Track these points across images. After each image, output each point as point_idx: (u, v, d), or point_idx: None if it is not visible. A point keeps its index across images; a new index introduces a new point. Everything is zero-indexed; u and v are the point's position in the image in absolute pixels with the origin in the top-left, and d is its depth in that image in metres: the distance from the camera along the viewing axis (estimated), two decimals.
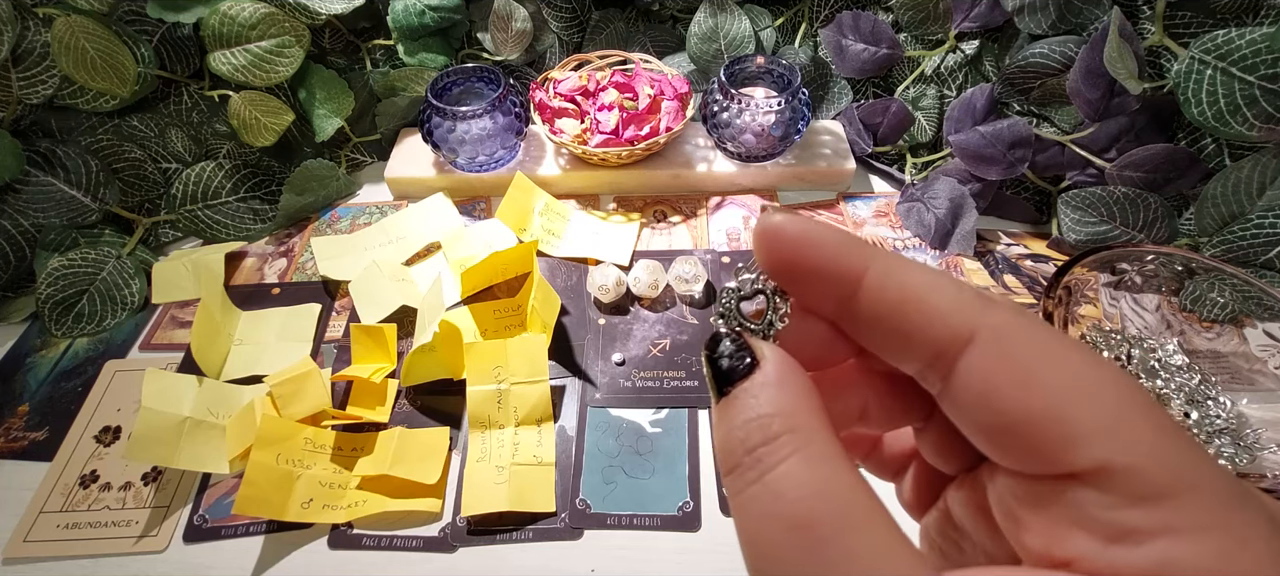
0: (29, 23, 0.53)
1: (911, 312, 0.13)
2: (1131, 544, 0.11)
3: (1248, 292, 0.44)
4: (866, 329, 0.14)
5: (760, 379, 0.13)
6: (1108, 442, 0.11)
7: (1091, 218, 0.54)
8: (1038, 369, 0.11)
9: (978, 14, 0.59)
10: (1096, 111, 0.53)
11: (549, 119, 0.62)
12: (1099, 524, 0.11)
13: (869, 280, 0.13)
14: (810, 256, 0.13)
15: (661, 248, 0.59)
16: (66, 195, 0.56)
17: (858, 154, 0.65)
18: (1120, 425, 0.11)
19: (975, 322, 0.12)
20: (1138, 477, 0.11)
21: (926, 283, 0.13)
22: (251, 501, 0.40)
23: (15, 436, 0.47)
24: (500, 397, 0.45)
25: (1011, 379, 0.12)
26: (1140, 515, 0.11)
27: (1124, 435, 0.11)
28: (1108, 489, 0.11)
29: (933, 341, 0.12)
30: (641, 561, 0.40)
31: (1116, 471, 0.11)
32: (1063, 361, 0.11)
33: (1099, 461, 0.11)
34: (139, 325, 0.54)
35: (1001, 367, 0.12)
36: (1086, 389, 0.11)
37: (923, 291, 0.13)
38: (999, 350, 0.12)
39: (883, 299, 0.13)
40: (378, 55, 0.69)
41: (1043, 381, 0.11)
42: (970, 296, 0.12)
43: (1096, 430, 0.11)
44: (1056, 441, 0.11)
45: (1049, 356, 0.12)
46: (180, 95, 0.62)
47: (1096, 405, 0.11)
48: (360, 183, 0.67)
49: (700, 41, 0.66)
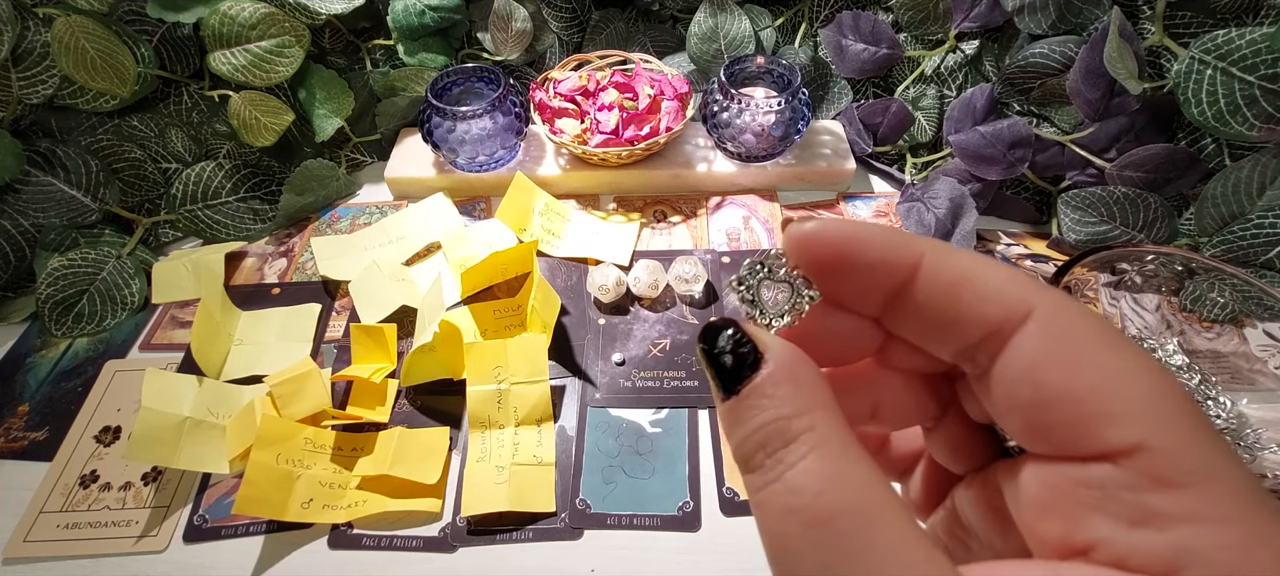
0: (29, 23, 0.53)
1: (967, 294, 0.13)
2: (1155, 528, 0.11)
3: (1248, 292, 0.44)
4: (917, 316, 0.14)
5: (772, 376, 0.13)
6: (1142, 423, 0.11)
7: (1091, 218, 0.54)
8: (1087, 349, 0.12)
9: (978, 14, 0.59)
10: (1096, 111, 0.53)
11: (549, 119, 0.62)
12: (1124, 506, 0.11)
13: (925, 266, 0.13)
14: (860, 256, 0.13)
15: (661, 247, 0.59)
16: (66, 195, 0.56)
17: (858, 154, 0.65)
18: (1155, 408, 0.11)
19: (1033, 301, 0.12)
20: (1168, 461, 0.11)
21: (981, 264, 0.13)
22: (251, 501, 0.40)
23: (15, 436, 0.47)
24: (500, 397, 0.45)
25: (1064, 355, 0.12)
26: (1166, 500, 0.11)
27: (1157, 418, 0.11)
28: (1134, 470, 0.11)
29: (987, 320, 0.13)
30: (641, 561, 0.40)
31: (1146, 452, 0.11)
32: (1109, 344, 0.12)
33: (1134, 441, 0.11)
34: (139, 325, 0.54)
35: (1056, 345, 0.12)
36: (1129, 372, 0.12)
37: (979, 273, 0.13)
38: (1055, 329, 0.12)
39: (939, 282, 0.13)
40: (378, 55, 0.69)
41: (1091, 360, 0.12)
42: (1024, 278, 0.13)
43: (1134, 410, 0.11)
44: (1098, 418, 0.11)
45: (1098, 338, 0.12)
46: (180, 95, 0.62)
47: (1137, 387, 0.11)
48: (360, 183, 0.67)
49: (700, 41, 0.66)
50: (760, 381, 0.13)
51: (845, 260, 0.14)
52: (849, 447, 0.12)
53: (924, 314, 0.14)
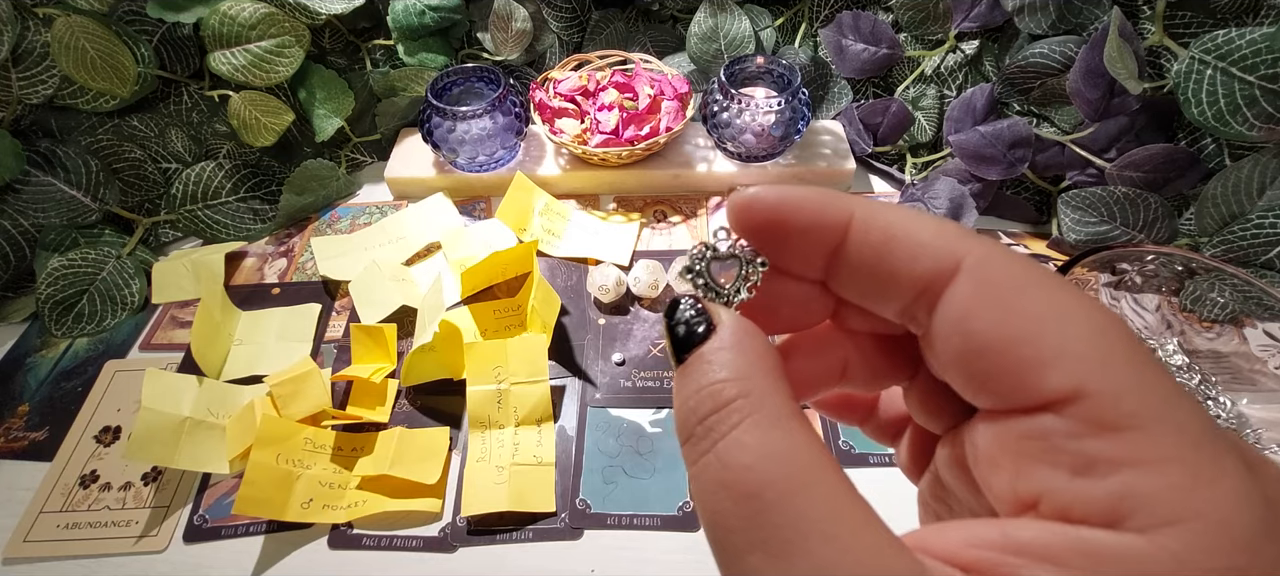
0: (29, 23, 0.53)
1: (898, 250, 0.13)
2: (1097, 476, 0.10)
3: (1248, 292, 0.44)
4: (853, 276, 0.14)
5: (715, 343, 0.13)
6: (1079, 366, 0.11)
7: (1091, 218, 0.54)
8: (1017, 294, 0.11)
9: (978, 14, 0.59)
10: (1096, 111, 0.53)
11: (549, 119, 0.62)
12: (1065, 455, 0.11)
13: (855, 226, 0.13)
14: (792, 218, 0.13)
15: (661, 248, 0.59)
16: (66, 195, 0.56)
17: (858, 154, 0.65)
18: (1093, 351, 0.11)
19: (959, 252, 0.12)
20: (1106, 404, 0.10)
21: (909, 219, 0.13)
22: (251, 501, 0.40)
23: (15, 436, 0.47)
24: (500, 398, 0.45)
25: (991, 303, 0.12)
26: (1105, 444, 0.10)
27: (1095, 360, 0.11)
28: (1075, 416, 0.11)
29: (919, 276, 0.12)
30: (641, 561, 0.40)
31: (1086, 397, 0.11)
32: (1041, 288, 0.11)
33: (1069, 386, 0.11)
34: (139, 325, 0.54)
35: (982, 293, 0.12)
36: (1063, 315, 0.11)
37: (907, 228, 0.13)
38: (980, 276, 0.12)
39: (868, 241, 0.13)
40: (378, 55, 0.69)
41: (1020, 306, 0.11)
42: (953, 229, 0.12)
43: (1069, 354, 0.11)
44: (1030, 365, 0.11)
45: (1028, 283, 0.12)
46: (180, 95, 0.62)
47: (1072, 330, 0.11)
48: (360, 183, 0.67)
49: (700, 41, 0.66)
50: (704, 349, 0.13)
51: (780, 224, 0.14)
52: (783, 417, 0.12)
53: (860, 274, 0.13)
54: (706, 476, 0.12)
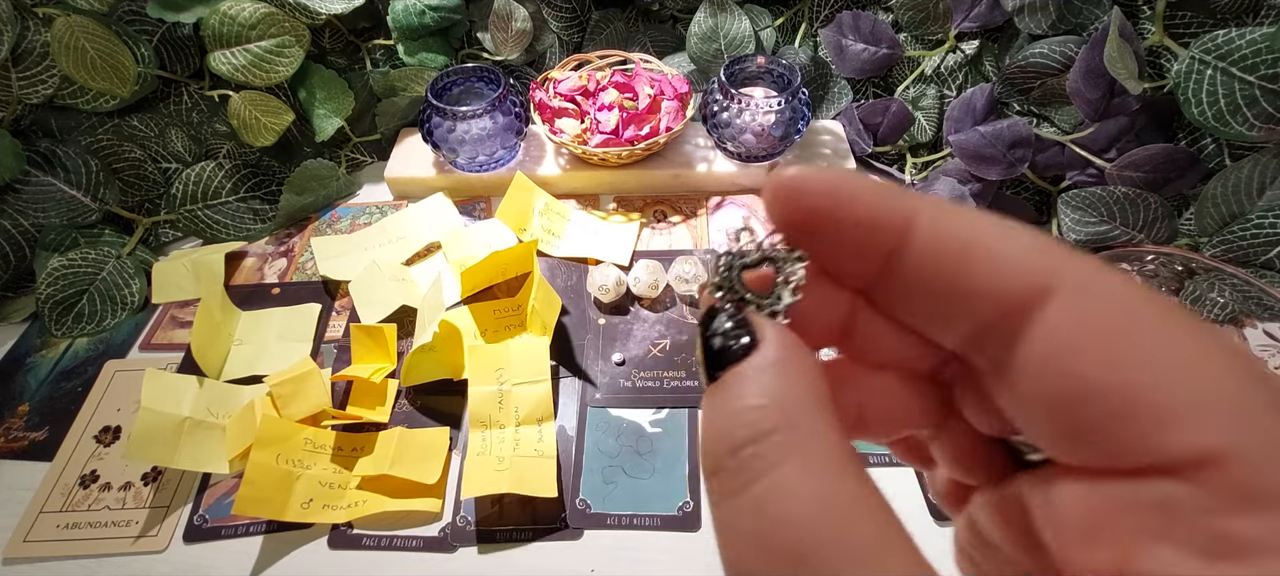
0: (29, 23, 0.53)
1: (976, 262, 0.10)
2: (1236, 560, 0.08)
3: (1248, 292, 0.44)
4: (912, 290, 0.11)
5: (757, 362, 0.11)
6: (1215, 425, 0.09)
7: (1091, 218, 0.54)
8: (1137, 329, 0.09)
9: (978, 14, 0.59)
10: (1096, 111, 0.53)
11: (549, 119, 0.62)
12: (1195, 532, 0.09)
13: (921, 227, 0.11)
14: (845, 210, 0.11)
15: (661, 248, 0.59)
16: (66, 195, 0.56)
17: (858, 154, 0.65)
18: (1232, 405, 0.09)
19: (1058, 271, 0.10)
20: (1250, 471, 0.08)
21: (993, 226, 0.10)
22: (251, 501, 0.40)
23: (15, 436, 0.47)
24: (501, 398, 0.45)
25: (1101, 337, 0.09)
26: (1250, 522, 0.08)
27: (1236, 417, 0.09)
28: (1211, 486, 0.09)
29: (1000, 295, 0.10)
30: (641, 561, 0.40)
31: (1223, 462, 0.09)
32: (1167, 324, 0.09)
33: (1203, 449, 0.09)
34: (139, 325, 0.54)
35: (1088, 326, 0.09)
36: (1193, 360, 0.09)
37: (990, 236, 0.10)
38: (1085, 306, 0.10)
39: (938, 248, 0.11)
40: (378, 55, 0.69)
41: (1142, 344, 0.09)
42: (1049, 242, 0.10)
43: (1202, 409, 0.09)
44: (1151, 420, 0.09)
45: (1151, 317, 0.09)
46: (180, 95, 0.62)
47: (1204, 379, 0.09)
48: (360, 183, 0.67)
49: (700, 41, 0.66)
50: (743, 366, 0.11)
51: (829, 216, 0.11)
52: (836, 460, 0.10)
53: (921, 288, 0.11)
54: (739, 524, 0.10)
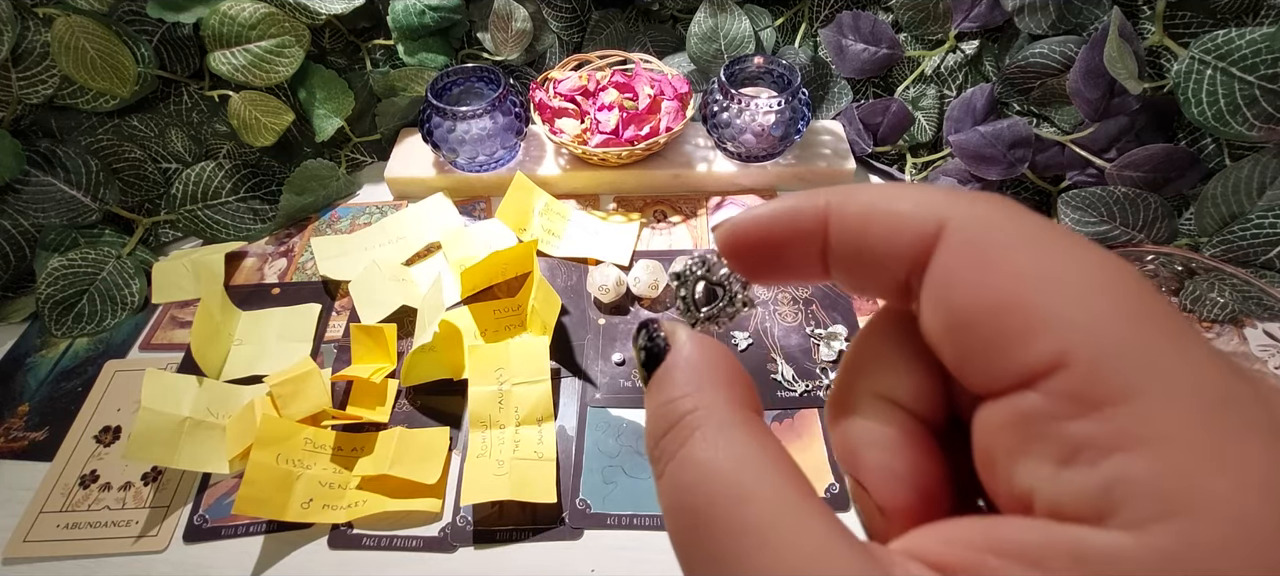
0: (29, 23, 0.53)
1: (877, 227, 0.11)
2: (1083, 464, 0.09)
3: (1248, 292, 0.44)
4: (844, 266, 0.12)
5: (670, 361, 0.13)
6: (1069, 328, 0.09)
7: (1091, 218, 0.54)
8: (1006, 253, 0.10)
9: (978, 14, 0.59)
10: (1096, 111, 0.53)
11: (549, 119, 0.62)
12: (1049, 440, 0.09)
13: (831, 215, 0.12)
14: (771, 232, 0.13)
15: (661, 248, 0.59)
16: (66, 195, 0.56)
17: (858, 154, 0.65)
18: (1085, 309, 0.09)
19: (944, 215, 0.10)
20: (1092, 373, 0.09)
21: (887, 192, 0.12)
22: (251, 501, 0.40)
23: (15, 436, 0.47)
24: (501, 398, 0.45)
25: (975, 265, 0.10)
26: (1091, 424, 0.09)
27: (1088, 320, 0.09)
28: (1056, 392, 0.09)
29: (904, 249, 0.11)
30: (641, 561, 0.40)
31: (1067, 367, 0.09)
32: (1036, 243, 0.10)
33: (1052, 354, 0.09)
34: (139, 325, 0.54)
35: (965, 256, 0.10)
36: (1059, 271, 0.09)
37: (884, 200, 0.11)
38: (964, 237, 0.10)
39: (846, 225, 0.12)
40: (378, 55, 0.69)
41: (1008, 266, 0.10)
42: (937, 193, 0.11)
43: (1059, 314, 0.09)
44: (1016, 334, 0.09)
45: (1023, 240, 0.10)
46: (180, 95, 0.62)
47: (1066, 288, 0.09)
48: (360, 183, 0.67)
49: (700, 41, 0.66)
50: (662, 366, 0.13)
51: (764, 245, 0.13)
52: (729, 426, 0.11)
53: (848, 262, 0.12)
54: (664, 499, 0.12)
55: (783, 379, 0.48)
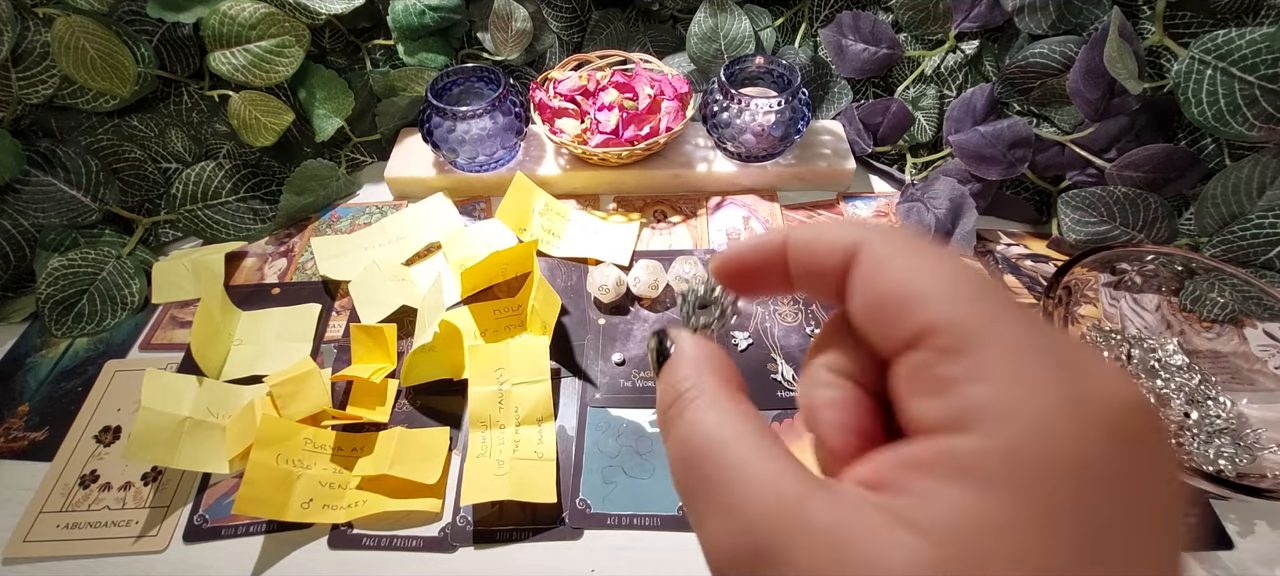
0: (29, 23, 0.53)
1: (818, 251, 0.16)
2: (947, 394, 0.13)
3: (1248, 292, 0.44)
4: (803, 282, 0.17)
5: (674, 357, 0.17)
6: (933, 305, 0.13)
7: (1091, 217, 0.54)
8: (893, 260, 0.15)
9: (978, 14, 0.59)
10: (1096, 111, 0.53)
11: (549, 119, 0.62)
12: (927, 381, 0.13)
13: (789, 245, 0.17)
14: (749, 260, 0.18)
15: (661, 248, 0.59)
16: (66, 195, 0.56)
17: (858, 154, 0.65)
18: (944, 293, 0.14)
19: (856, 239, 0.15)
20: (949, 332, 0.13)
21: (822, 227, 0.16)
22: (251, 501, 0.40)
23: (15, 436, 0.47)
24: (501, 398, 0.45)
25: (874, 271, 0.15)
26: (951, 367, 0.13)
27: (946, 299, 0.13)
28: (929, 347, 0.13)
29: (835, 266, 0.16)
30: (641, 561, 0.40)
31: (935, 330, 0.13)
32: (915, 254, 0.15)
33: (925, 321, 0.13)
34: (139, 325, 0.54)
35: (869, 266, 0.15)
36: (928, 270, 0.14)
37: (820, 233, 0.16)
38: (869, 254, 0.15)
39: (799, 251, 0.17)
40: (378, 55, 0.69)
41: (898, 268, 0.14)
42: (853, 224, 0.16)
43: (927, 297, 0.14)
44: (902, 312, 0.14)
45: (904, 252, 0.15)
46: (180, 95, 0.62)
47: (932, 280, 0.14)
48: (360, 183, 0.67)
49: (700, 41, 0.66)
50: (669, 361, 0.17)
51: (744, 269, 0.18)
52: (719, 399, 0.16)
53: (803, 278, 0.17)
54: (670, 452, 0.16)
55: (783, 379, 0.48)
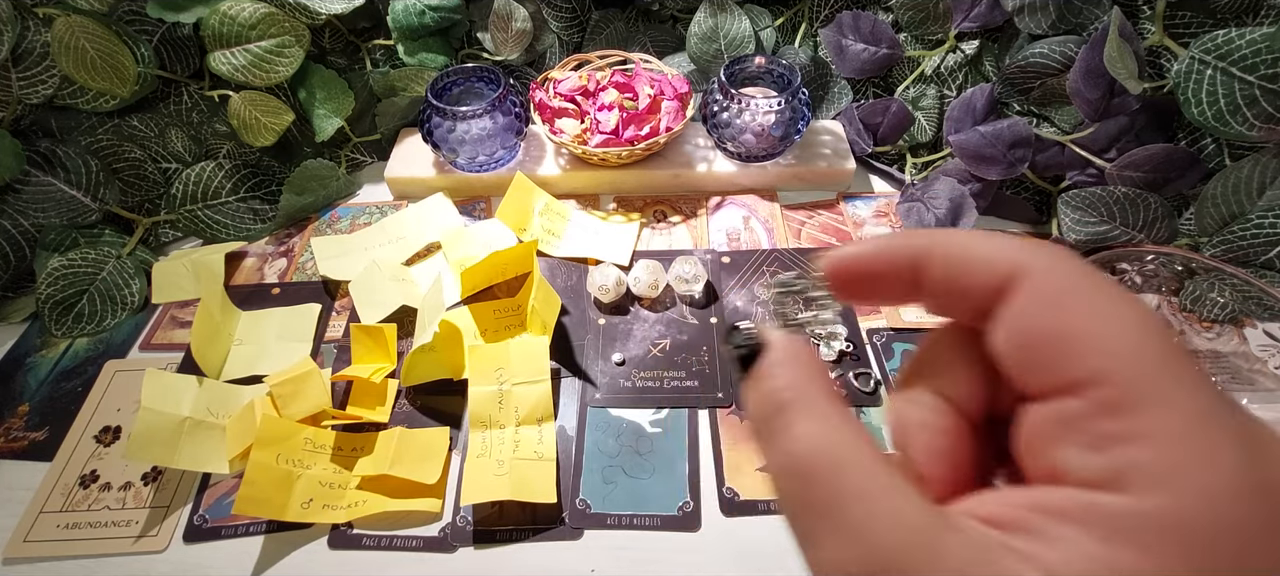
0: (29, 23, 0.53)
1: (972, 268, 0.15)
2: (1105, 451, 0.12)
3: (1248, 292, 0.44)
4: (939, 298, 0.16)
5: (771, 358, 0.16)
6: (1102, 354, 0.12)
7: (1091, 218, 0.54)
8: (1067, 297, 0.13)
9: (978, 14, 0.59)
10: (1096, 111, 0.53)
11: (549, 119, 0.62)
12: (1084, 433, 0.12)
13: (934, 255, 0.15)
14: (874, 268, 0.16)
15: (661, 247, 0.59)
16: (66, 195, 0.56)
17: (858, 154, 0.65)
18: (1117, 341, 0.12)
19: (1022, 261, 0.14)
20: (1118, 386, 0.12)
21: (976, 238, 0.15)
22: (251, 501, 0.40)
23: (15, 436, 0.47)
24: (501, 398, 0.45)
25: (1045, 304, 0.14)
26: (1114, 424, 0.12)
27: (1117, 349, 0.12)
28: (1093, 399, 0.12)
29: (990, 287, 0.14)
30: (641, 561, 0.40)
31: (1103, 382, 0.12)
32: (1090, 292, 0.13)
33: (1091, 370, 0.12)
34: (139, 325, 0.54)
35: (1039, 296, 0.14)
36: (1100, 313, 0.13)
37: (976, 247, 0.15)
38: (1039, 282, 0.14)
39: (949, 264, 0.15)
40: (378, 55, 0.69)
41: (1069, 307, 0.13)
42: (1014, 241, 0.14)
43: (1097, 343, 0.13)
44: (1066, 354, 0.13)
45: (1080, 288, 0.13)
46: (180, 95, 0.62)
47: (1104, 326, 0.13)
48: (360, 183, 0.67)
49: (700, 41, 0.66)
50: (764, 362, 0.16)
51: (866, 276, 0.16)
52: (829, 413, 0.14)
53: (942, 293, 0.16)
54: (773, 464, 0.15)
55: None
